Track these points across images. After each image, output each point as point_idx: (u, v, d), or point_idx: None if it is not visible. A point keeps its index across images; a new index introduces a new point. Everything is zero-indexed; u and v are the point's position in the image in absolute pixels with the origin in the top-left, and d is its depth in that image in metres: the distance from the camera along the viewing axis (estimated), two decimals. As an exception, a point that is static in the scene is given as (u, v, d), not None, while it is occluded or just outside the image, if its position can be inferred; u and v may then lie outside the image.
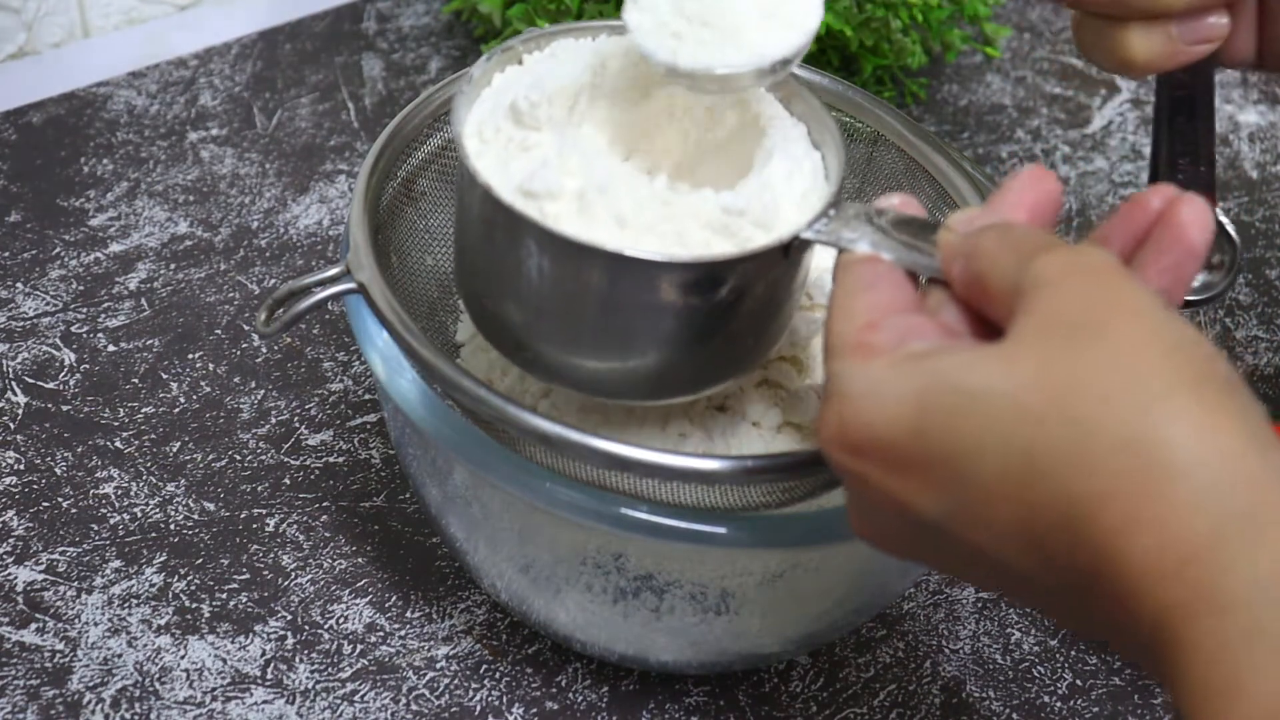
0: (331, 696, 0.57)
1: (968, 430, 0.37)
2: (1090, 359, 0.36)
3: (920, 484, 0.38)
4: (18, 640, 0.58)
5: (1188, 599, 0.34)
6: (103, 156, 0.79)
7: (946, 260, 0.42)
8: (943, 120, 0.88)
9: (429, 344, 0.48)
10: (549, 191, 0.46)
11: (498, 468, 0.49)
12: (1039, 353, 0.37)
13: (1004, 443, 0.36)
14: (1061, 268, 0.38)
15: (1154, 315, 0.37)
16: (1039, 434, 0.36)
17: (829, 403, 0.40)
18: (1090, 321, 0.37)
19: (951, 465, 0.37)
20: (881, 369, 0.39)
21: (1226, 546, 0.33)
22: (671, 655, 0.56)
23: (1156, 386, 0.35)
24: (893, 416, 0.38)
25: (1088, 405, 0.35)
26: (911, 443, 0.38)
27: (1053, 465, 0.36)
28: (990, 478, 0.37)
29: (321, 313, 0.71)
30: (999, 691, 0.59)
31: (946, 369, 0.38)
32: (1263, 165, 0.87)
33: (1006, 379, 0.37)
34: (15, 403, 0.66)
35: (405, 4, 0.92)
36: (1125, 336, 0.36)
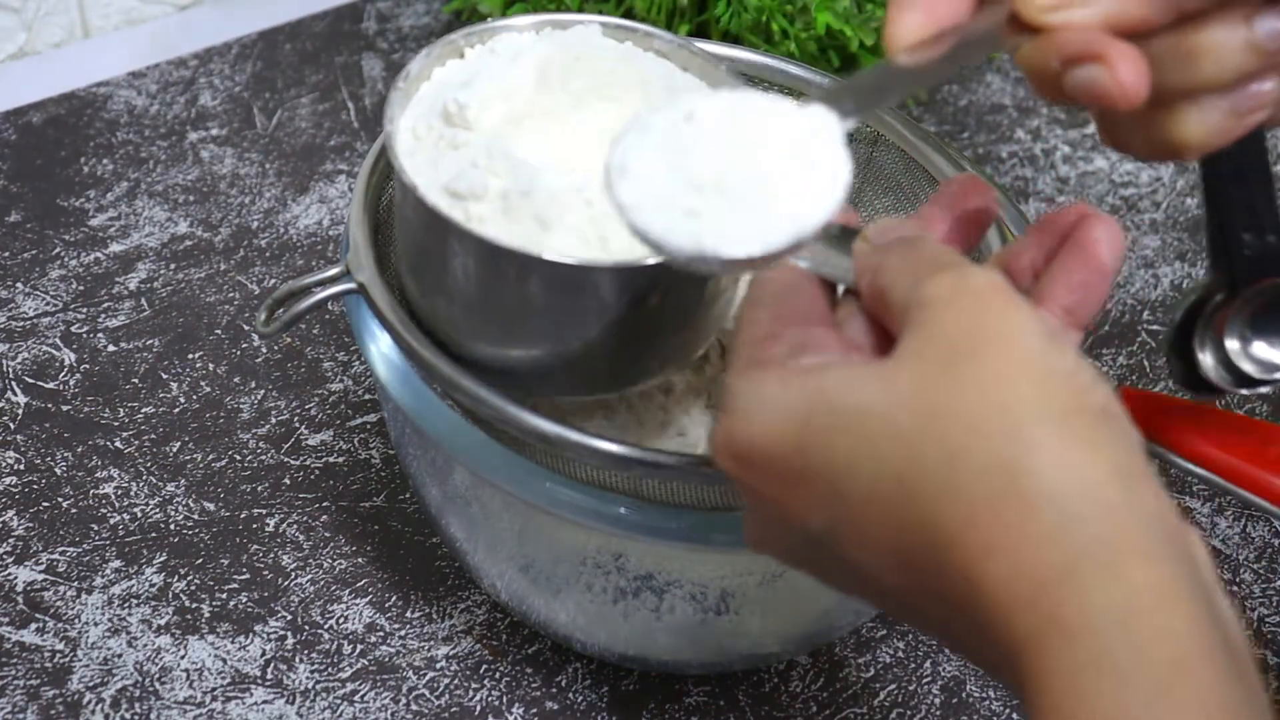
0: (331, 696, 0.57)
1: (844, 447, 0.37)
2: (962, 384, 0.36)
3: (802, 498, 0.38)
4: (18, 640, 0.58)
5: (1040, 628, 0.34)
6: (103, 156, 0.79)
7: (858, 271, 0.42)
8: (943, 120, 0.88)
9: (429, 344, 0.49)
10: (473, 192, 0.46)
11: (498, 468, 0.49)
12: (915, 374, 0.37)
13: (876, 462, 0.36)
14: (948, 289, 0.38)
15: (1031, 342, 0.37)
16: (909, 456, 0.36)
17: (722, 415, 0.40)
18: (968, 346, 0.37)
19: (829, 481, 0.37)
20: (769, 383, 0.39)
21: (1080, 577, 0.33)
22: (671, 655, 0.56)
23: (1023, 414, 0.35)
24: (775, 431, 0.38)
25: (956, 430, 0.36)
26: (793, 457, 0.38)
27: (921, 488, 0.36)
28: (864, 496, 0.37)
29: (321, 313, 0.71)
30: (999, 691, 0.59)
31: (829, 385, 0.38)
32: (1263, 165, 0.87)
33: (882, 399, 0.37)
34: (15, 403, 0.66)
35: (405, 4, 0.92)
36: (1000, 362, 0.36)
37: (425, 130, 0.49)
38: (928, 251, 0.41)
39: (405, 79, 0.49)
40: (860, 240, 0.42)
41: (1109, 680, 0.32)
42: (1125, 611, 0.33)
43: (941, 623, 0.37)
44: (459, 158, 0.47)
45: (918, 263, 0.40)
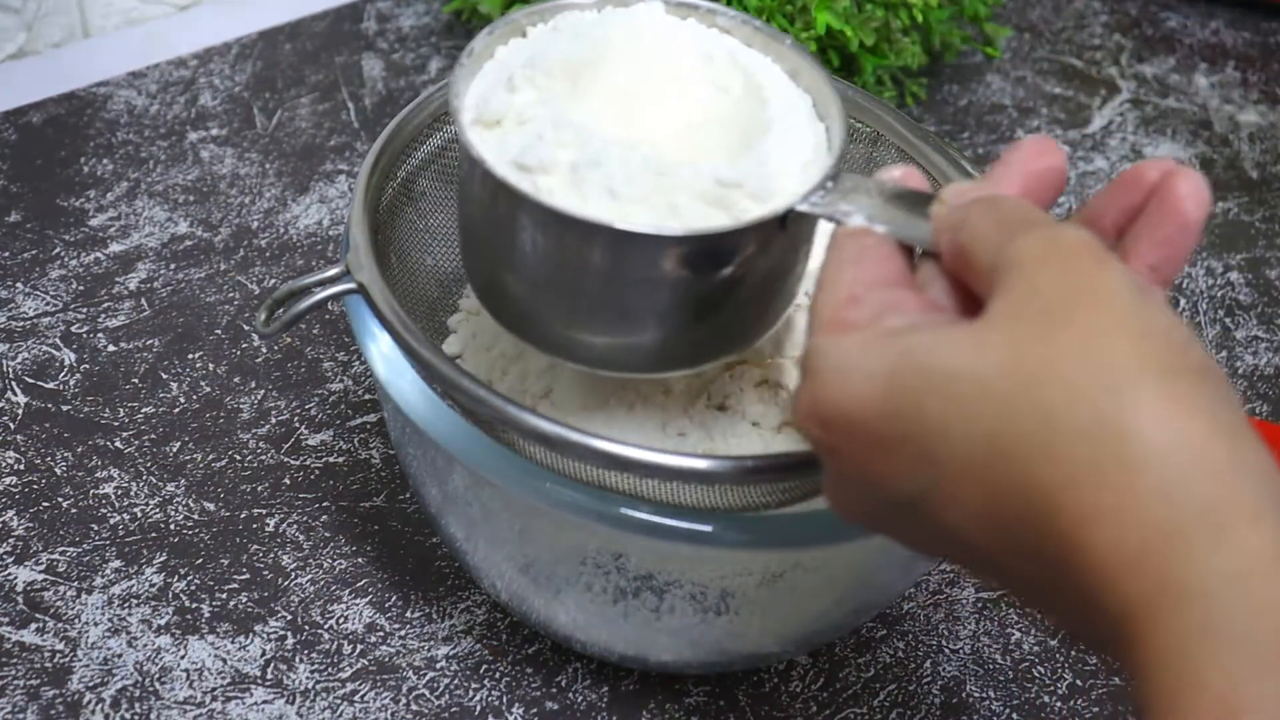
0: (331, 696, 0.57)
1: (934, 410, 0.36)
2: (1058, 345, 0.35)
3: (890, 462, 0.38)
4: (18, 640, 0.58)
5: (1147, 592, 0.33)
6: (103, 156, 0.79)
7: (936, 232, 0.42)
8: (943, 120, 0.88)
9: (429, 344, 0.48)
10: (541, 165, 0.46)
11: (498, 468, 0.49)
12: (1008, 336, 0.36)
13: (970, 426, 0.36)
14: (1038, 248, 0.37)
15: (1127, 300, 0.36)
16: (1004, 419, 0.35)
17: (803, 377, 0.40)
18: (1061, 306, 0.36)
19: (919, 445, 0.37)
20: (854, 345, 0.39)
21: (1186, 539, 0.33)
22: (671, 655, 0.56)
23: (1123, 375, 0.35)
24: (861, 394, 0.38)
25: (1053, 392, 0.35)
26: (880, 421, 0.38)
27: (1017, 452, 0.35)
28: (957, 460, 0.36)
29: (321, 313, 0.71)
30: (999, 691, 0.59)
31: (916, 347, 0.37)
32: (1263, 165, 0.87)
33: (975, 361, 0.36)
34: (15, 403, 0.66)
35: (405, 4, 0.92)
36: (1095, 322, 0.36)
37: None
38: (1012, 209, 0.40)
39: (469, 56, 0.49)
40: (937, 203, 0.42)
41: (1218, 649, 0.32)
42: (1236, 577, 0.32)
43: (1034, 584, 0.37)
44: (525, 133, 0.47)
45: (1003, 221, 0.39)
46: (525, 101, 0.48)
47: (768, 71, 0.51)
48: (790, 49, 0.51)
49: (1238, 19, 0.99)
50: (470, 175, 0.48)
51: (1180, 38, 0.97)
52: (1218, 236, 0.82)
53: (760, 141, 0.48)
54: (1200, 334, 0.76)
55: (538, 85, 0.48)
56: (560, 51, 0.49)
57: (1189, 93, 0.92)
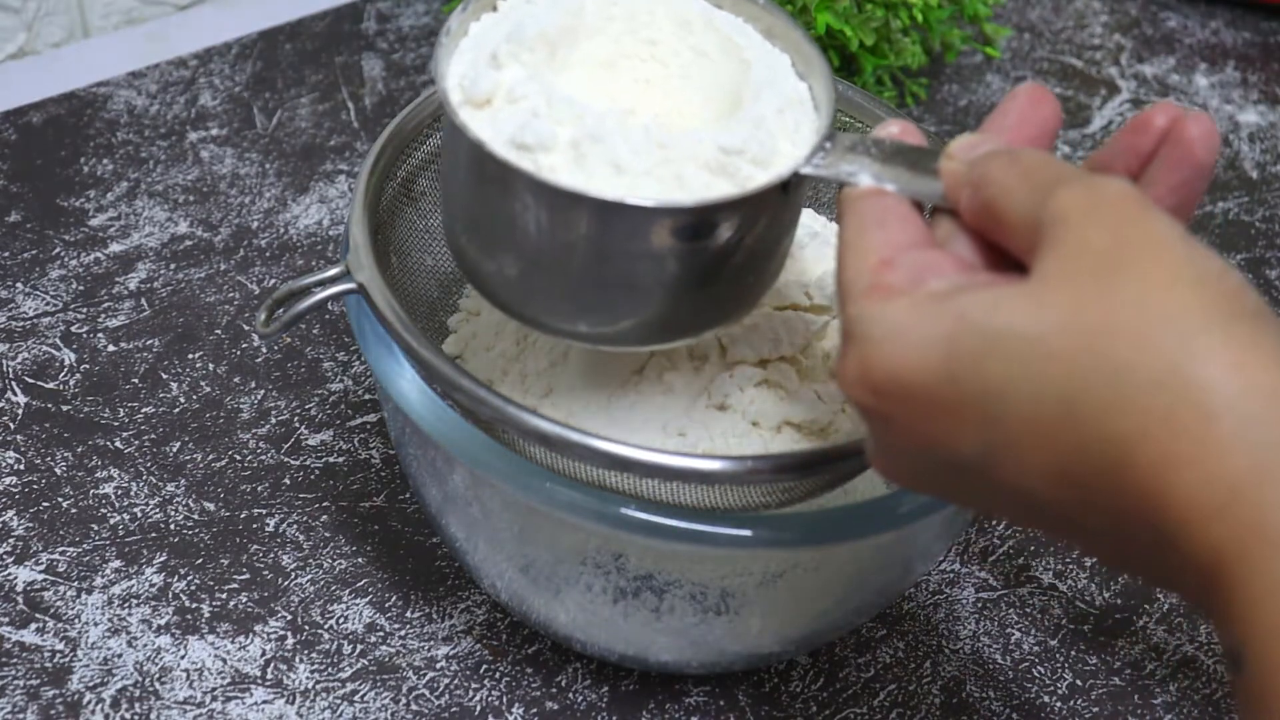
0: (331, 696, 0.57)
1: (997, 373, 0.36)
2: (1120, 299, 0.35)
3: (951, 426, 0.38)
4: (18, 640, 0.58)
5: (1236, 536, 0.33)
6: (103, 156, 0.79)
7: (952, 189, 0.41)
8: (943, 120, 0.88)
9: (429, 344, 0.48)
10: (542, 143, 0.45)
11: (498, 468, 0.49)
12: (1067, 293, 0.36)
13: (1036, 386, 0.36)
14: (1083, 202, 0.37)
15: (1180, 248, 0.36)
16: (1072, 377, 0.35)
17: (849, 345, 0.39)
18: (1117, 259, 0.36)
19: (982, 408, 0.37)
20: (903, 311, 0.38)
21: (1272, 482, 0.33)
22: (671, 655, 0.56)
23: (1188, 324, 0.35)
24: (918, 360, 0.38)
25: (1120, 346, 0.35)
26: (940, 386, 0.37)
27: (1088, 408, 0.35)
28: (1023, 420, 0.36)
29: (321, 313, 0.71)
30: (999, 691, 0.59)
31: (972, 309, 0.37)
32: (1263, 165, 0.87)
33: (1036, 321, 0.36)
34: (15, 403, 0.66)
35: (405, 4, 0.92)
36: (1154, 273, 0.36)
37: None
38: (1038, 163, 0.40)
39: (447, 35, 0.48)
40: (946, 159, 0.42)
41: None
42: None
43: (1108, 537, 0.37)
44: (518, 110, 0.47)
45: (1032, 175, 0.39)
46: (513, 78, 0.47)
47: (744, 33, 0.50)
48: (763, 8, 0.51)
49: (1238, 19, 0.99)
50: (464, 158, 0.47)
51: (1180, 38, 0.97)
52: (1218, 236, 0.82)
53: (753, 104, 0.47)
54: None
55: (522, 61, 0.48)
56: (538, 23, 0.49)
57: (1189, 93, 0.92)
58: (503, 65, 0.48)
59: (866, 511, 0.50)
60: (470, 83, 0.47)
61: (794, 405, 0.54)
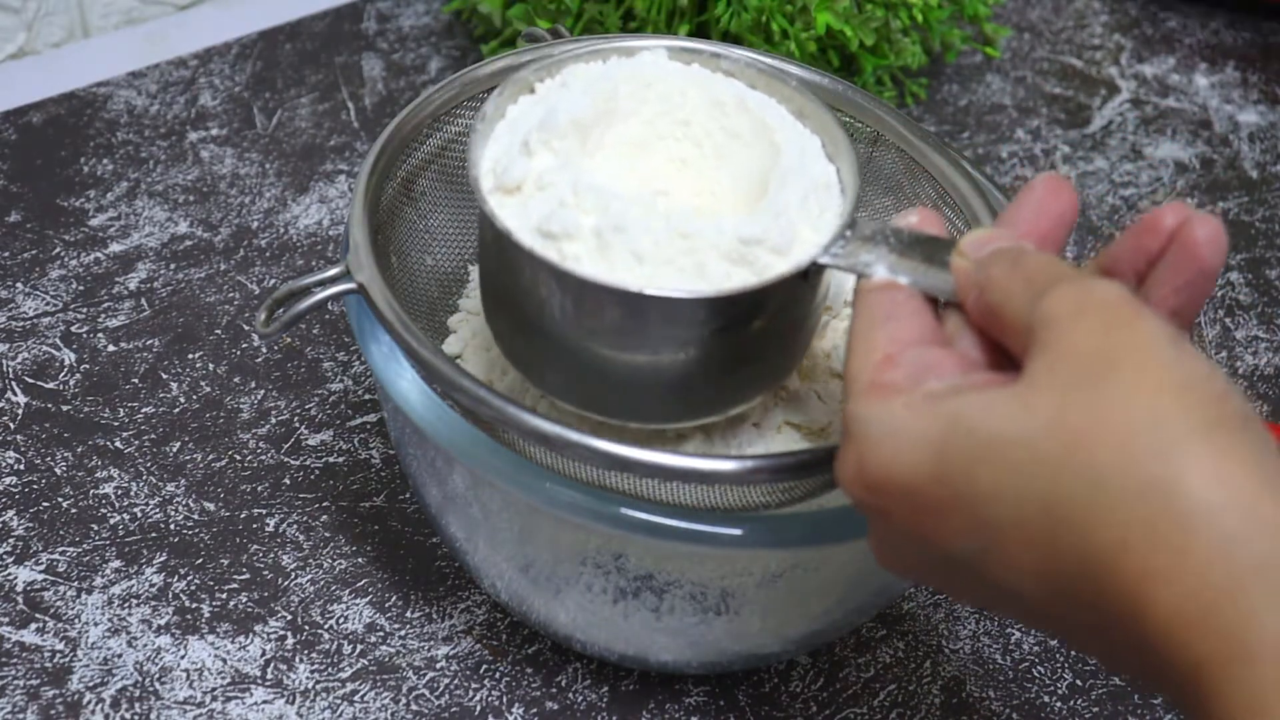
0: (331, 696, 0.57)
1: (986, 476, 0.37)
2: (1102, 404, 0.36)
3: (942, 524, 0.38)
4: (18, 640, 0.58)
5: (1215, 650, 0.33)
6: (103, 156, 0.79)
7: (962, 289, 0.42)
8: (943, 120, 0.88)
9: (429, 344, 0.49)
10: (566, 232, 0.46)
11: (498, 468, 0.49)
12: (1052, 397, 0.36)
13: (1021, 490, 0.36)
14: (1072, 304, 0.38)
15: (1167, 352, 0.36)
16: (1055, 483, 0.36)
17: (847, 442, 0.40)
18: (1103, 363, 0.36)
19: (971, 510, 0.37)
20: (899, 411, 0.39)
21: (1248, 596, 0.33)
22: (671, 655, 0.56)
23: (1171, 432, 0.35)
24: (911, 461, 0.38)
25: (1101, 454, 0.35)
26: (931, 487, 0.38)
27: (1070, 514, 0.35)
28: (1010, 523, 0.37)
29: (321, 313, 0.71)
30: (999, 691, 0.59)
31: (964, 413, 0.38)
32: (1263, 165, 0.87)
33: (1022, 425, 0.37)
34: (15, 403, 0.66)
35: (405, 4, 0.92)
36: (1139, 378, 0.36)
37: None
38: (1037, 264, 0.40)
39: (482, 120, 0.50)
40: (957, 255, 0.42)
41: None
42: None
43: (1096, 638, 0.37)
44: (546, 198, 0.48)
45: (1030, 277, 0.40)
46: (543, 166, 0.49)
47: (775, 114, 0.52)
48: (795, 90, 0.52)
49: (1238, 19, 0.99)
50: (496, 244, 0.48)
51: (1180, 38, 0.97)
52: (1218, 236, 0.82)
53: (778, 191, 0.48)
54: (1201, 334, 0.76)
55: (553, 148, 0.49)
56: (570, 110, 0.50)
57: (1189, 93, 0.92)
58: (534, 153, 0.49)
59: (866, 511, 0.50)
60: (502, 169, 0.49)
61: (794, 405, 0.54)
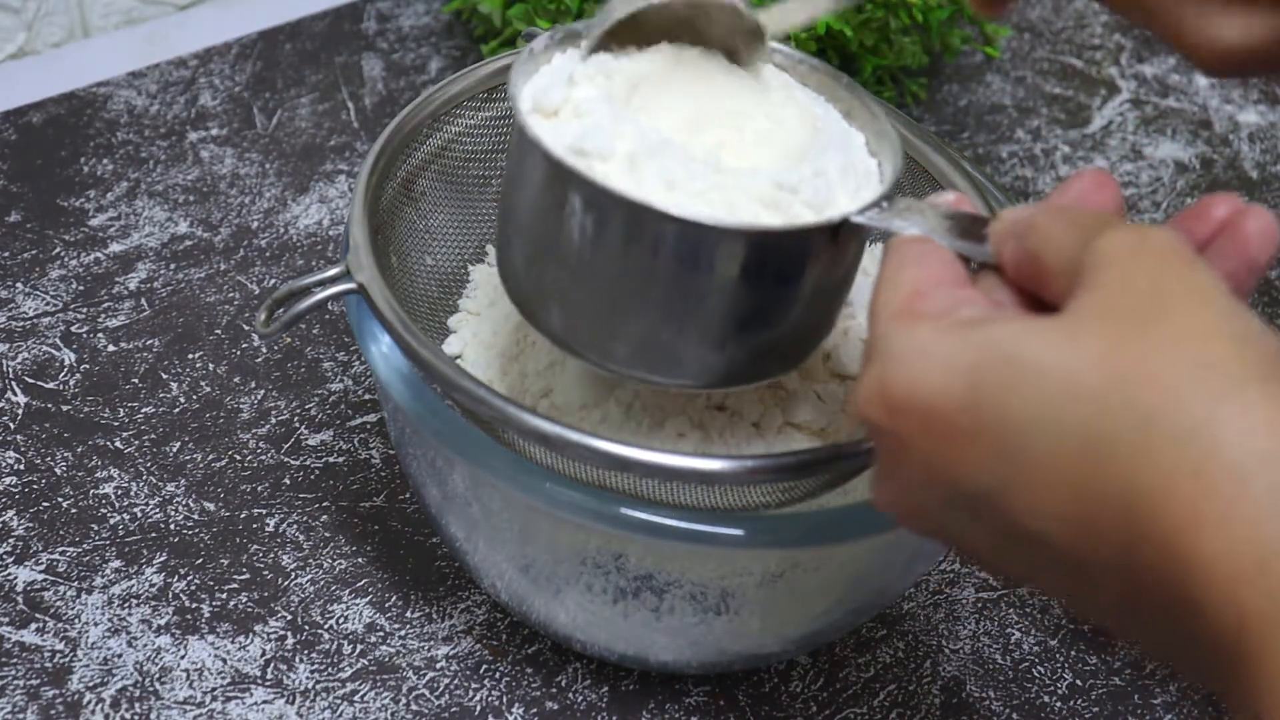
0: (331, 696, 0.57)
1: (1021, 405, 0.35)
2: (1155, 342, 0.34)
3: (964, 455, 0.36)
4: (18, 640, 0.58)
5: (1265, 605, 0.32)
6: (103, 156, 0.79)
7: (998, 243, 0.41)
8: (943, 120, 0.88)
9: (429, 344, 0.49)
10: (599, 151, 0.46)
11: (498, 468, 0.49)
12: (1102, 332, 0.35)
13: (1059, 422, 0.34)
14: (1128, 246, 0.36)
15: (1221, 303, 0.35)
16: (1099, 418, 0.34)
17: (871, 363, 0.39)
18: (1156, 302, 0.35)
19: (1001, 439, 0.36)
20: (930, 333, 0.38)
21: None
22: (671, 655, 0.56)
23: (1225, 378, 0.33)
24: (940, 382, 0.37)
25: (1153, 391, 0.34)
26: (959, 413, 0.36)
27: (1113, 452, 0.34)
28: (1042, 457, 0.35)
29: (321, 313, 0.71)
30: (999, 691, 0.59)
31: (1003, 338, 0.36)
32: (1263, 165, 0.87)
33: (1067, 356, 0.35)
34: (15, 403, 0.66)
35: (405, 4, 0.92)
36: (1193, 322, 0.35)
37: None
38: (1085, 213, 0.39)
39: (529, 55, 0.49)
40: (996, 221, 0.41)
41: None
42: None
43: (1119, 594, 0.35)
44: (583, 123, 0.47)
45: (1079, 223, 0.38)
46: (584, 96, 0.48)
47: (824, 108, 0.51)
48: (845, 89, 0.52)
49: (1238, 19, 0.99)
50: (521, 160, 0.47)
51: (1180, 38, 0.97)
52: (1218, 236, 0.82)
53: (816, 157, 0.48)
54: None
55: (597, 85, 0.48)
56: (622, 62, 0.49)
57: (1189, 93, 0.92)
58: (577, 84, 0.48)
59: (866, 511, 0.50)
60: (542, 92, 0.48)
61: (794, 405, 0.54)
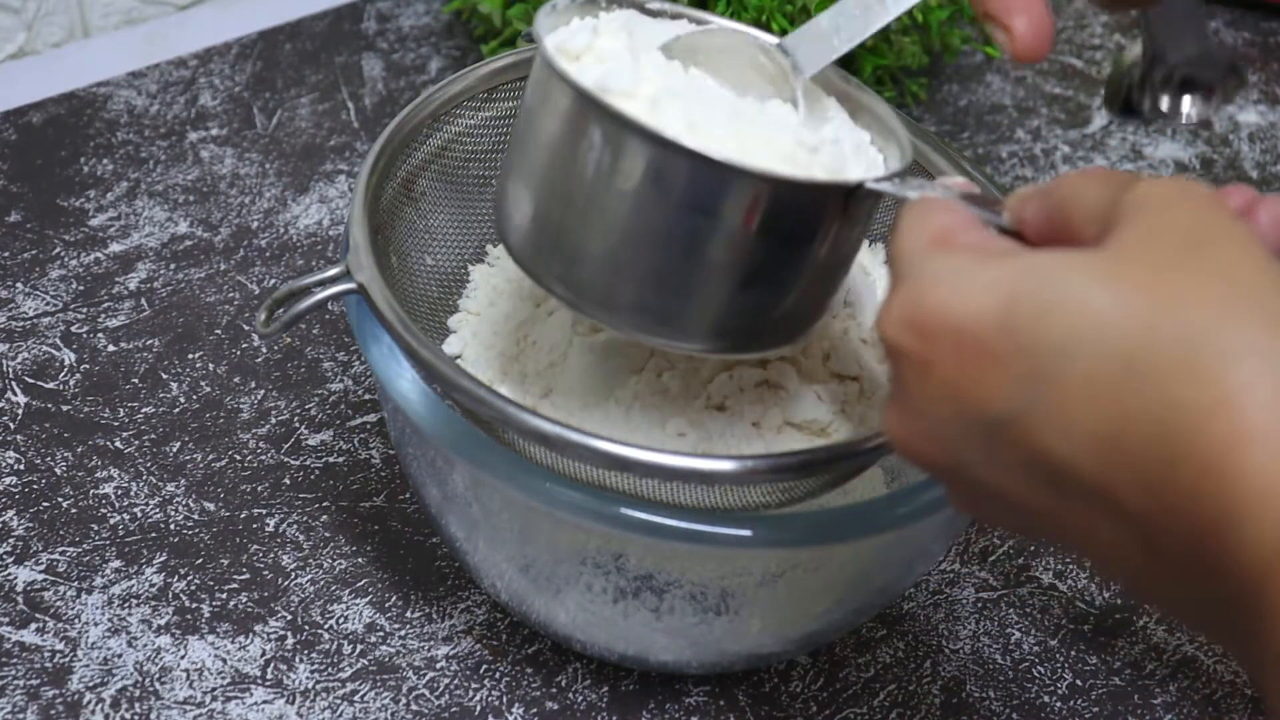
0: (331, 696, 0.57)
1: (1059, 327, 0.35)
2: (1205, 269, 0.34)
3: (994, 378, 0.36)
4: (18, 640, 0.58)
5: None
6: (103, 156, 0.79)
7: (1017, 206, 0.41)
8: (943, 120, 0.88)
9: (429, 344, 0.49)
10: (623, 90, 0.45)
11: (498, 468, 0.49)
12: (1147, 259, 0.35)
13: (1100, 345, 0.34)
14: (1169, 190, 0.36)
15: (1260, 249, 0.35)
16: (1144, 339, 0.34)
17: (900, 286, 0.38)
18: (1199, 239, 0.35)
19: (1034, 361, 0.35)
20: (966, 257, 0.37)
21: None
22: (671, 655, 0.56)
23: (1273, 304, 0.34)
24: (976, 304, 0.36)
25: (1201, 313, 0.34)
26: (993, 334, 0.36)
27: (1156, 372, 0.34)
28: (1079, 379, 0.35)
29: (321, 313, 0.71)
30: (999, 691, 0.59)
31: (1041, 263, 0.36)
32: (1263, 165, 0.87)
33: (1110, 281, 0.35)
34: (15, 403, 0.66)
35: (405, 4, 0.92)
36: (1240, 257, 0.35)
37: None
38: (1112, 171, 0.39)
39: (553, 9, 0.49)
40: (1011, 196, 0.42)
41: None
42: None
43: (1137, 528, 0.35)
44: (604, 66, 0.47)
45: (1109, 179, 0.38)
46: (608, 46, 0.48)
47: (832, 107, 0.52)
48: (854, 88, 0.52)
49: (1238, 19, 0.99)
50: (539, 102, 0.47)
51: (1180, 38, 0.97)
52: (1218, 236, 0.82)
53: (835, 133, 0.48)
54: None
55: (621, 38, 0.48)
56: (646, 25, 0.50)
57: (1189, 93, 0.92)
58: (601, 34, 0.48)
59: (866, 511, 0.50)
60: (568, 37, 0.48)
61: (794, 405, 0.54)
